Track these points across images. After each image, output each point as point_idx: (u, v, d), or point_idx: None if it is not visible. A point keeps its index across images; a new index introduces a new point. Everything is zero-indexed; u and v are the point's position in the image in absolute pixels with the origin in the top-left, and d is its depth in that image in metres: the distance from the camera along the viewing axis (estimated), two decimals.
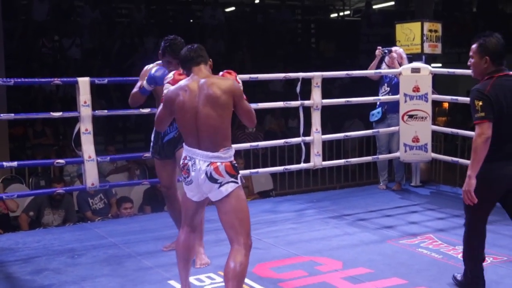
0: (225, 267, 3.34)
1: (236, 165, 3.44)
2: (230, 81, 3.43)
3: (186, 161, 3.43)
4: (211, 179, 3.34)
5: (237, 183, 3.39)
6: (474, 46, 3.70)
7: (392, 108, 6.66)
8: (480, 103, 3.55)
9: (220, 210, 3.42)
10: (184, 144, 3.50)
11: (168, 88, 3.66)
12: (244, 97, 3.48)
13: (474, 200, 3.57)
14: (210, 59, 3.60)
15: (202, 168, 3.35)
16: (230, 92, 3.37)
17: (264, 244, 4.88)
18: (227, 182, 3.36)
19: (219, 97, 3.34)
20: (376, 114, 6.74)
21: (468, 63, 3.77)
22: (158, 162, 4.55)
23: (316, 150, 6.19)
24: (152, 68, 4.32)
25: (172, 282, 4.07)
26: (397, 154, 6.70)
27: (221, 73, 3.56)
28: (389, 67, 6.68)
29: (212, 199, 3.44)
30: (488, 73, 3.66)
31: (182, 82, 3.50)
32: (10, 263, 4.57)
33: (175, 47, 4.25)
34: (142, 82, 4.32)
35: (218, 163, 3.35)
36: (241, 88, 3.50)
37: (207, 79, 3.41)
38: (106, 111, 5.79)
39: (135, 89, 4.41)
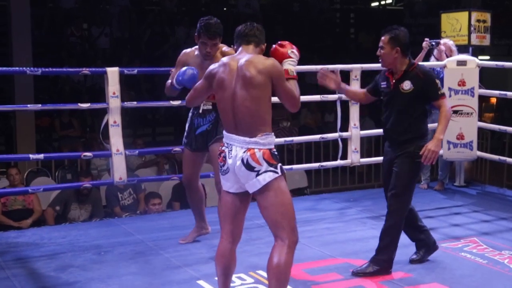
0: (267, 264, 3.29)
1: (276, 153, 3.33)
2: (270, 61, 3.32)
3: (223, 148, 3.38)
4: (248, 166, 3.25)
5: (276, 173, 3.27)
6: (384, 37, 4.21)
7: None
8: (438, 81, 4.25)
9: (260, 204, 3.32)
10: (223, 130, 3.44)
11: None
12: (293, 76, 3.38)
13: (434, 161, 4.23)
14: (265, 44, 3.51)
15: (238, 155, 3.28)
16: (266, 73, 3.27)
17: (298, 244, 4.85)
18: (265, 171, 3.25)
19: (254, 78, 3.26)
20: None
21: (378, 53, 4.25)
22: (187, 153, 4.61)
23: (354, 146, 6.15)
24: (185, 61, 4.36)
25: (201, 282, 4.09)
26: (440, 151, 6.61)
27: (274, 45, 3.49)
28: (437, 60, 6.58)
29: (249, 190, 3.34)
30: (410, 65, 4.22)
31: (225, 59, 3.45)
32: (35, 258, 4.64)
33: (210, 27, 4.29)
34: (176, 71, 4.38)
35: (256, 150, 3.26)
36: (292, 63, 3.41)
37: (247, 59, 3.32)
38: (135, 102, 5.84)
39: (170, 80, 4.47)
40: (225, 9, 14.55)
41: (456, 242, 4.96)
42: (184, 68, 4.28)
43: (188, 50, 4.58)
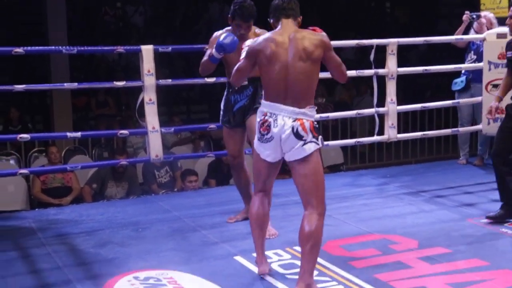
0: (299, 232, 3.42)
1: (317, 126, 3.49)
2: (320, 35, 3.50)
3: (266, 118, 3.48)
4: (297, 135, 3.40)
5: (318, 144, 3.44)
6: None
7: (477, 77, 6.42)
8: None
9: (298, 171, 3.46)
10: (262, 100, 3.55)
11: (254, 40, 3.66)
12: None
13: None
14: (301, 17, 3.62)
15: (287, 124, 3.41)
16: (322, 46, 3.45)
17: (334, 220, 4.86)
18: (310, 141, 3.41)
19: (313, 52, 3.42)
20: (459, 83, 6.57)
21: (507, 22, 4.68)
22: (227, 131, 4.62)
23: (391, 122, 6.09)
24: (221, 35, 4.33)
25: (238, 258, 4.11)
26: (479, 126, 6.51)
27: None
28: (477, 33, 6.45)
29: (290, 159, 3.47)
30: None
31: (268, 34, 3.55)
32: (74, 235, 4.72)
33: (245, 10, 4.29)
34: (211, 50, 4.34)
35: (304, 120, 3.41)
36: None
37: (298, 33, 3.47)
38: (170, 80, 5.85)
39: (205, 58, 4.44)
40: None
41: None
42: (223, 35, 4.25)
43: (219, 32, 4.56)
